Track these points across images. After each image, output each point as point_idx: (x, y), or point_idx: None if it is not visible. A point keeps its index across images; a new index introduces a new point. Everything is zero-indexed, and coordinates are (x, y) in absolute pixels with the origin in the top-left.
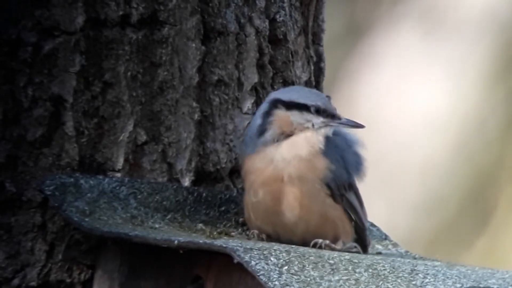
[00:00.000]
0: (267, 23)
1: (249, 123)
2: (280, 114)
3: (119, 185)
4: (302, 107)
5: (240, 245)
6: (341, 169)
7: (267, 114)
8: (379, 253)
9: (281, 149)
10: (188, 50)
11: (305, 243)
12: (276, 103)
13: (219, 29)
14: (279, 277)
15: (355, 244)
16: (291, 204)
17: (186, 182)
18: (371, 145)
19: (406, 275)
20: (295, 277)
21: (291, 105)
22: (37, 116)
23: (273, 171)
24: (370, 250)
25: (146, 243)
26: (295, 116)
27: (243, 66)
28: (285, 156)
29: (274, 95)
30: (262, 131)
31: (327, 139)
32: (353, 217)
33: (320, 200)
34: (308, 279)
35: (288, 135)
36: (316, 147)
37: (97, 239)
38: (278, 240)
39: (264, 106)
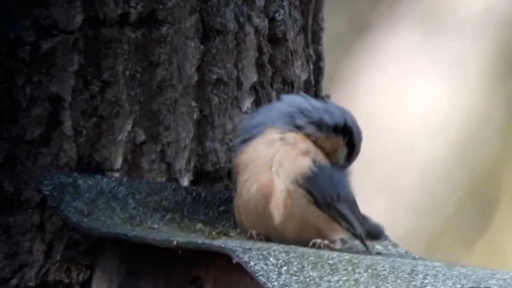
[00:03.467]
0: (266, 22)
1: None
2: None
3: (117, 185)
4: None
5: (239, 245)
6: (327, 182)
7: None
8: (378, 254)
9: (274, 146)
10: (187, 49)
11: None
12: None
13: (218, 28)
14: (278, 277)
15: (354, 245)
16: (277, 202)
17: (185, 182)
18: (371, 145)
19: (406, 276)
20: (294, 277)
21: None
22: (36, 116)
23: (262, 155)
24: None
25: (145, 244)
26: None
27: (242, 65)
28: (276, 148)
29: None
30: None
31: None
32: (343, 224)
33: (302, 205)
34: (308, 279)
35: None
36: (307, 154)
37: (95, 240)
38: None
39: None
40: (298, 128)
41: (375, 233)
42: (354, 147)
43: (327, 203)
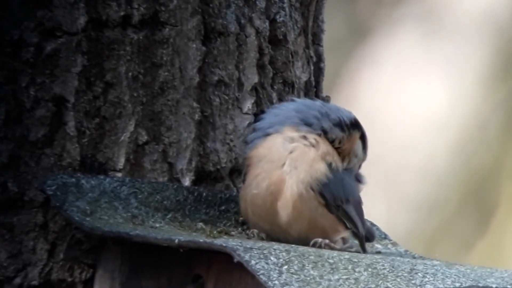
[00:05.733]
0: (267, 24)
1: (249, 123)
2: None
3: (120, 185)
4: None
5: (240, 244)
6: (339, 186)
7: None
8: (378, 252)
9: (292, 144)
10: (188, 51)
11: (300, 244)
12: None
13: (219, 29)
14: (279, 276)
15: (355, 243)
16: (286, 202)
17: (187, 181)
18: (371, 145)
19: (405, 274)
20: (295, 276)
21: None
22: (39, 116)
23: (277, 152)
24: (369, 249)
25: (147, 243)
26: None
27: (243, 66)
28: (294, 146)
29: None
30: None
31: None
32: (348, 225)
33: (312, 207)
34: (308, 278)
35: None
36: (325, 158)
37: (98, 239)
38: (276, 239)
39: None
40: (323, 131)
41: (367, 236)
42: (365, 138)
43: (337, 205)
